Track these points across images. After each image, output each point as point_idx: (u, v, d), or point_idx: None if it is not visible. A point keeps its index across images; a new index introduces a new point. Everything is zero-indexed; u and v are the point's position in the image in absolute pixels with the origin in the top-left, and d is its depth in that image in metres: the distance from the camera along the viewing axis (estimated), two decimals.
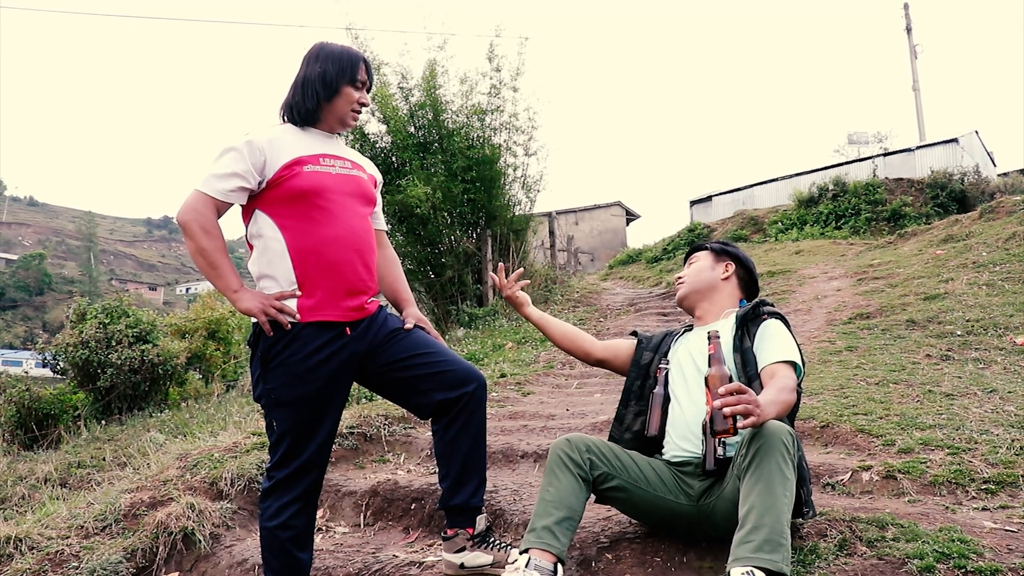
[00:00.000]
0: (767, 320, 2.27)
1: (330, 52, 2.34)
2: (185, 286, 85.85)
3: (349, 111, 2.36)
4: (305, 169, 2.22)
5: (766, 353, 2.18)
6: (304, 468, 2.21)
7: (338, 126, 2.39)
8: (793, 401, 2.05)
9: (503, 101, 11.11)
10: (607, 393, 5.09)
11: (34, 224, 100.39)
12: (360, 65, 2.35)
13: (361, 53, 2.40)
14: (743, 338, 2.25)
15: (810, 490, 2.17)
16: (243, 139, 2.21)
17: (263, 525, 2.24)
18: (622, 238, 27.04)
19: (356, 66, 2.33)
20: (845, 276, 8.50)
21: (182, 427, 7.07)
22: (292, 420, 2.18)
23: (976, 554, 1.95)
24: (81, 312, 11.32)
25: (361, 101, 2.38)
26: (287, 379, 2.15)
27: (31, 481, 6.16)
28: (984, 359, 4.44)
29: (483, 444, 2.36)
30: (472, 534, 2.32)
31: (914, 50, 23.31)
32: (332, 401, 2.22)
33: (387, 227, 2.68)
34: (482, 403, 2.32)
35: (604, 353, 2.58)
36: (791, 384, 2.08)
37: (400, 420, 4.22)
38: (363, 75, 2.36)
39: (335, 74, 2.31)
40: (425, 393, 2.29)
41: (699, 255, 2.55)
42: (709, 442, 2.14)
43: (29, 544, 2.90)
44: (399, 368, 2.29)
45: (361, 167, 2.43)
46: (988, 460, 2.74)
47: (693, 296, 2.47)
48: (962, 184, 15.21)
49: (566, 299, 10.80)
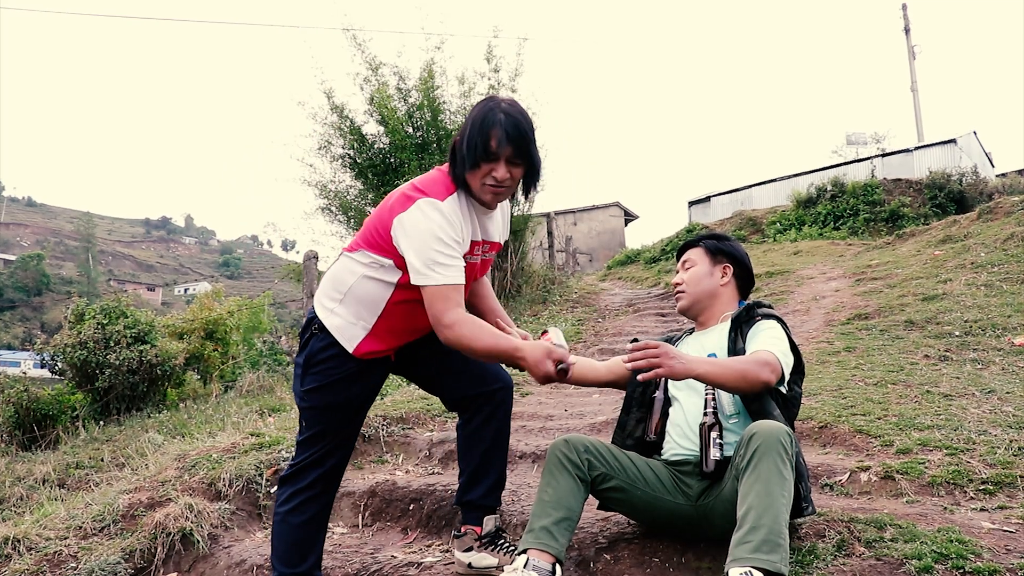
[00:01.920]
0: (760, 320, 2.28)
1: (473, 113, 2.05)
2: (183, 286, 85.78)
3: (481, 185, 2.06)
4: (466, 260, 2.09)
5: (752, 347, 2.19)
6: (324, 460, 2.26)
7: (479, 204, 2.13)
8: (753, 373, 2.02)
9: None
10: (605, 394, 5.08)
11: (32, 224, 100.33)
12: (492, 132, 2.00)
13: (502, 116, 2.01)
14: (736, 340, 2.27)
15: (809, 487, 2.18)
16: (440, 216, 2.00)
17: (276, 511, 2.29)
18: (620, 239, 27.04)
19: (488, 134, 2.00)
20: (843, 277, 8.50)
21: (180, 428, 7.06)
22: (321, 422, 2.24)
23: (974, 555, 1.95)
24: (79, 313, 11.29)
25: (495, 175, 2.03)
26: (323, 387, 2.20)
27: (29, 482, 6.15)
28: (982, 360, 4.44)
29: (504, 444, 2.40)
30: (480, 534, 2.33)
31: (912, 51, 23.36)
32: (363, 408, 2.28)
33: None
34: (503, 405, 2.36)
35: (610, 375, 2.53)
36: (763, 359, 2.07)
37: (398, 421, 4.21)
38: (493, 143, 2.00)
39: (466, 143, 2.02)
40: (450, 388, 2.38)
41: (693, 255, 2.47)
42: (704, 442, 2.15)
43: (27, 545, 2.90)
44: (430, 364, 2.36)
45: (497, 245, 2.25)
46: (986, 461, 2.74)
47: (695, 307, 2.44)
48: (960, 185, 15.22)
49: (564, 300, 10.79)
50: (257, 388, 9.83)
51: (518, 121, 2.03)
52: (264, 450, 3.69)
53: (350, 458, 2.46)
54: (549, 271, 12.71)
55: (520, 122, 2.03)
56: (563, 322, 8.78)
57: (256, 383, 10.09)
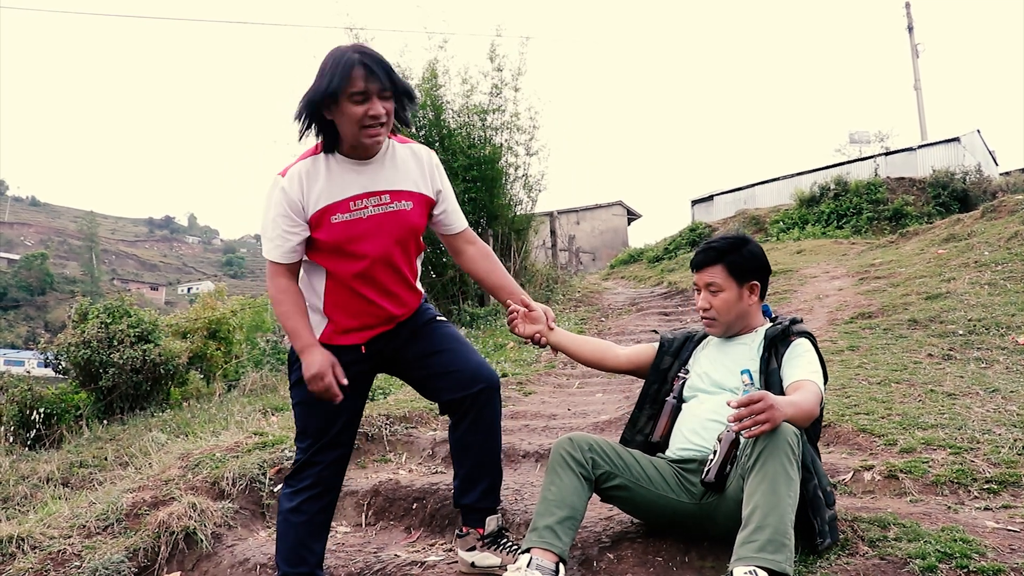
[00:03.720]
0: (796, 340, 2.26)
1: (323, 64, 2.00)
2: (187, 286, 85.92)
3: (360, 130, 2.02)
4: (333, 220, 2.11)
5: (792, 372, 2.17)
6: (319, 457, 2.27)
7: (360, 151, 2.10)
8: (814, 410, 2.03)
9: (504, 101, 11.12)
10: (609, 393, 5.08)
11: (36, 224, 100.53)
12: (352, 72, 1.96)
13: (358, 55, 1.98)
14: (770, 360, 2.23)
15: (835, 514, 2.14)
16: (278, 187, 2.10)
17: (279, 510, 2.31)
18: (623, 238, 27.03)
19: (348, 74, 1.95)
20: (847, 275, 8.49)
21: (184, 427, 7.07)
22: (309, 416, 2.27)
23: (978, 554, 1.95)
24: (83, 312, 11.33)
25: (371, 113, 1.99)
26: (303, 381, 2.19)
27: (33, 480, 6.17)
28: (986, 358, 4.43)
29: (495, 444, 2.36)
30: (482, 535, 2.33)
31: (916, 49, 23.29)
32: (344, 403, 2.24)
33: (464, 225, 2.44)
34: (489, 404, 2.31)
35: (629, 364, 2.54)
36: (815, 393, 2.07)
37: (401, 420, 4.22)
38: (359, 83, 1.96)
39: (325, 90, 1.97)
40: (436, 392, 2.36)
41: (717, 277, 2.31)
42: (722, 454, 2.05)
43: (31, 543, 2.90)
44: (415, 367, 2.36)
45: (406, 194, 2.18)
46: (990, 460, 2.73)
47: (728, 332, 2.38)
48: (964, 183, 15.18)
49: (567, 299, 10.79)
50: (260, 387, 9.84)
51: (374, 54, 2.02)
52: (267, 449, 3.69)
53: (350, 458, 2.46)
54: (552, 270, 12.72)
55: (376, 54, 2.02)
56: (566, 321, 8.78)
57: (259, 382, 10.10)
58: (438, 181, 2.29)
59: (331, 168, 2.11)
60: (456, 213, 2.38)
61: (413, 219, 2.21)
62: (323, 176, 2.11)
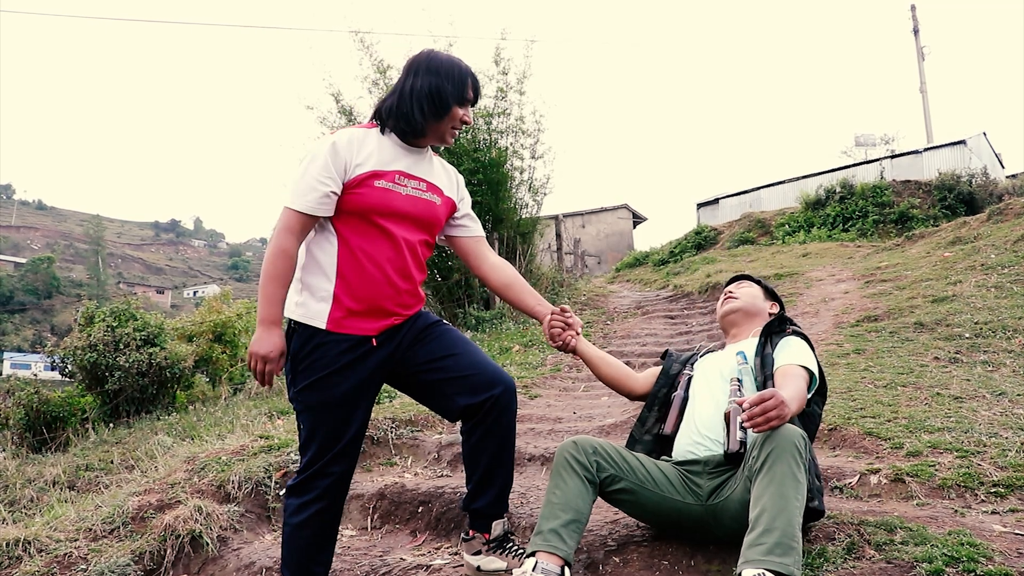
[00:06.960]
0: (790, 336, 2.39)
1: (440, 65, 2.21)
2: (192, 289, 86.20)
3: (450, 129, 2.26)
4: (376, 184, 2.16)
5: (783, 357, 2.29)
6: (328, 468, 2.19)
7: (436, 142, 2.30)
8: (804, 395, 2.15)
9: (510, 104, 11.12)
10: (614, 396, 5.07)
11: (42, 228, 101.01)
12: (468, 82, 2.23)
13: (469, 68, 2.26)
14: (765, 345, 2.37)
15: (821, 487, 2.20)
16: (328, 141, 2.15)
17: (285, 521, 2.25)
18: (629, 241, 27.02)
19: (465, 83, 2.22)
20: (852, 278, 8.47)
21: (189, 430, 7.08)
22: (318, 423, 2.18)
23: (985, 558, 1.94)
24: (89, 315, 11.37)
25: (464, 119, 2.26)
26: (313, 384, 2.15)
27: (39, 483, 6.17)
28: (993, 362, 4.41)
29: (510, 449, 2.34)
30: (488, 539, 2.33)
31: (921, 52, 23.26)
32: (358, 406, 2.21)
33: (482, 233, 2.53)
34: (508, 408, 2.29)
35: (644, 388, 2.59)
36: (802, 376, 2.20)
37: (407, 423, 4.22)
38: (470, 93, 2.25)
39: (448, 92, 2.19)
40: (450, 397, 2.28)
41: (750, 284, 2.68)
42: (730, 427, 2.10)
43: (38, 546, 2.91)
44: (426, 371, 2.28)
45: (438, 190, 2.32)
46: (997, 463, 2.72)
47: (741, 314, 2.59)
48: (970, 186, 15.12)
49: (573, 302, 10.78)
50: (266, 390, 9.85)
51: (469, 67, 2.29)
52: (273, 452, 3.70)
53: (356, 466, 2.44)
54: (557, 273, 12.72)
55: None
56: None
57: None
58: (462, 190, 2.46)
59: (383, 143, 2.23)
60: (476, 219, 2.50)
61: (439, 213, 2.31)
62: (375, 144, 2.21)
